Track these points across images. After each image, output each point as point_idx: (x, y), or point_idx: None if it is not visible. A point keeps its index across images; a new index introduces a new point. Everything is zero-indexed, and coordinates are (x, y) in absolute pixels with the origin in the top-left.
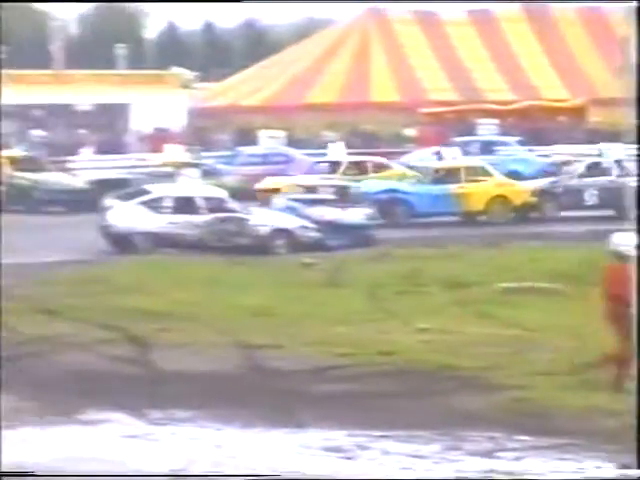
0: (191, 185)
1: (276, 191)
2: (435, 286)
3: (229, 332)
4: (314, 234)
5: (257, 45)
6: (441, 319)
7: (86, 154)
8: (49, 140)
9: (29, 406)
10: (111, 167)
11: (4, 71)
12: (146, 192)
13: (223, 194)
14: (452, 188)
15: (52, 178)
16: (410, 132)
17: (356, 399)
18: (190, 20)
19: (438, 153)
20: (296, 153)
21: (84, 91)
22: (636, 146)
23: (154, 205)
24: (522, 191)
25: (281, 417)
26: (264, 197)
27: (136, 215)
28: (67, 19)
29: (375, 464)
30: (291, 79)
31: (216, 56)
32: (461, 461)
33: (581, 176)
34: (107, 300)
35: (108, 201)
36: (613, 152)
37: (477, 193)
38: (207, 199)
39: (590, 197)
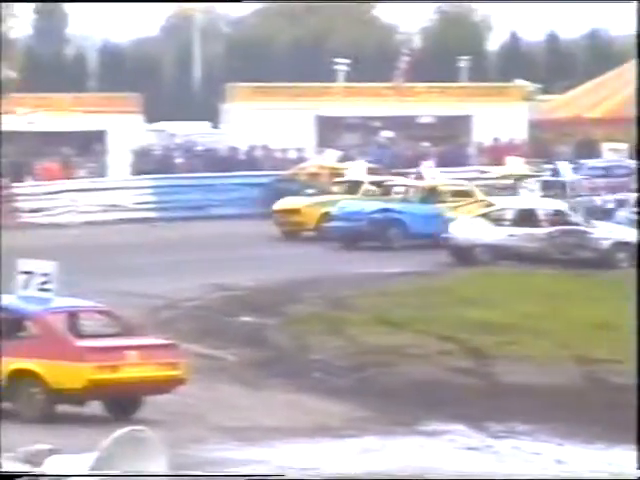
0: (532, 197)
1: None
2: None
3: (570, 346)
4: None
5: (602, 56)
6: None
7: (427, 166)
8: (393, 149)
9: (372, 416)
10: (452, 179)
11: (347, 84)
12: (488, 204)
13: (564, 207)
14: (440, 208)
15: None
16: None
17: None
18: (533, 31)
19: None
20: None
21: (426, 103)
22: None
23: (495, 217)
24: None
25: (622, 434)
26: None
27: (477, 227)
28: (411, 32)
29: None
30: (635, 91)
31: (559, 67)
32: None
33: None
34: (448, 311)
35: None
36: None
37: (462, 214)
38: (548, 212)
39: None
